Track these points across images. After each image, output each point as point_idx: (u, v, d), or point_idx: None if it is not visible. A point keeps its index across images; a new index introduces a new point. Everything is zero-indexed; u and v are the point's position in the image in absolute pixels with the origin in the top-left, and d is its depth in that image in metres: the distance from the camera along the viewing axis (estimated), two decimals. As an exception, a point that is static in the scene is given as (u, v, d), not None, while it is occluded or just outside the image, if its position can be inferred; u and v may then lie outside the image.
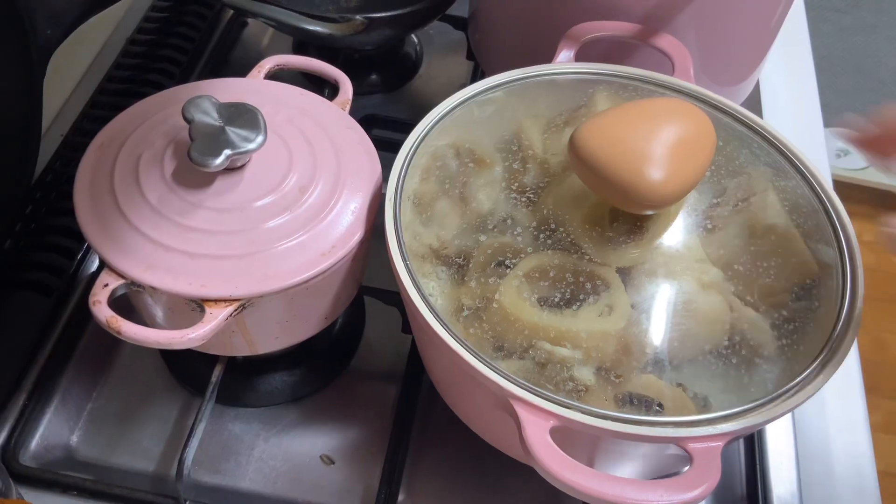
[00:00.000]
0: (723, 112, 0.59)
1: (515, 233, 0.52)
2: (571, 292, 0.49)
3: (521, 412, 0.43)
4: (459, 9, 0.79)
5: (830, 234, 0.54)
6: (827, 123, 0.84)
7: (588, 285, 0.50)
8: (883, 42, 2.17)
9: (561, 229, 0.52)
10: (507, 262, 0.51)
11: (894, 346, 1.75)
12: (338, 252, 0.51)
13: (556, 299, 0.49)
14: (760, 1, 0.66)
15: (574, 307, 0.49)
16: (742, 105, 0.59)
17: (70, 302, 0.64)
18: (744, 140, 0.58)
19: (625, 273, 0.51)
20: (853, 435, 0.63)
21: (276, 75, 0.62)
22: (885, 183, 1.75)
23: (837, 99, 1.99)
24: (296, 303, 0.52)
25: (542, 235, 0.52)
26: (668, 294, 0.51)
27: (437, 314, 0.47)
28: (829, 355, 0.47)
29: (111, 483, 0.56)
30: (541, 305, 0.49)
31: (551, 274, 0.50)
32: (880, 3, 2.25)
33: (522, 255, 0.51)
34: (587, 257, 0.51)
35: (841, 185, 0.56)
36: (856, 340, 0.49)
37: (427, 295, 0.49)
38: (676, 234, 0.53)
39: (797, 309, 0.51)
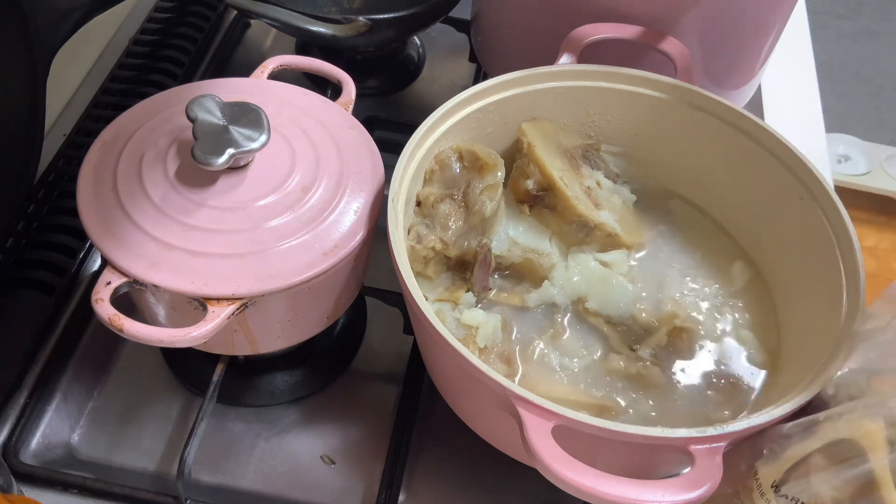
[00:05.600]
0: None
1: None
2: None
3: (523, 412, 0.43)
4: (462, 11, 0.80)
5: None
6: (828, 128, 0.84)
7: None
8: (883, 48, 2.17)
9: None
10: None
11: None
12: (340, 252, 0.51)
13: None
14: (762, 5, 0.66)
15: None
16: (743, 109, 0.59)
17: (72, 300, 0.64)
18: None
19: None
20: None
21: (278, 76, 0.62)
22: (886, 189, 1.75)
23: (839, 104, 1.99)
24: (298, 302, 0.52)
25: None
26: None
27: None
28: (830, 359, 0.47)
29: (112, 482, 0.56)
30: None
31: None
32: (881, 10, 2.26)
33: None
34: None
35: (841, 191, 0.56)
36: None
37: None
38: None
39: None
